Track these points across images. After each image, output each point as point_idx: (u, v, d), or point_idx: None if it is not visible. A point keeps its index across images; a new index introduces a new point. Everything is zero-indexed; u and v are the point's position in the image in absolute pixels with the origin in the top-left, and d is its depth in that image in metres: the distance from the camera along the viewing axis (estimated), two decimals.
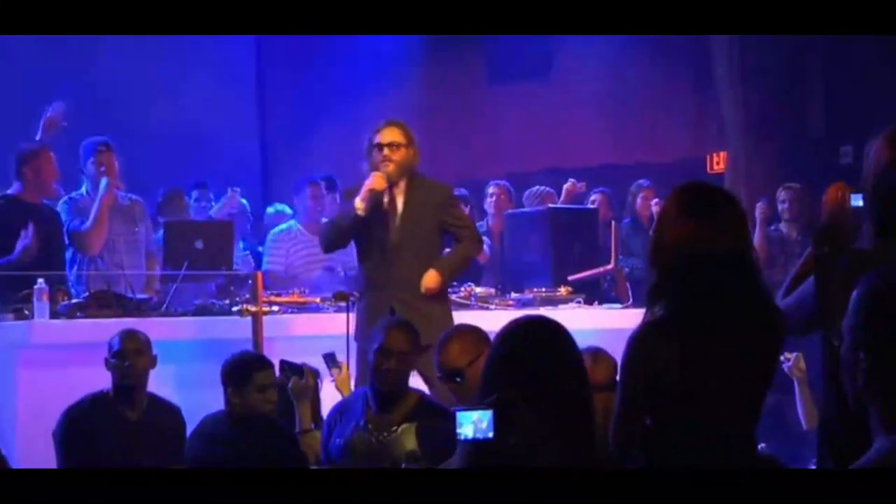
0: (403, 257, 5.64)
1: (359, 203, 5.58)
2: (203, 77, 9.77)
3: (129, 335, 5.08)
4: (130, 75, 9.42)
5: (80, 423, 4.94)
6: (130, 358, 5.00)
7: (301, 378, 4.95)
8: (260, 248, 7.84)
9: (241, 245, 7.75)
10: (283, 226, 7.64)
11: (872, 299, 2.08)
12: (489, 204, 8.26)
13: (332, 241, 5.91)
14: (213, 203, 8.10)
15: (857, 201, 3.41)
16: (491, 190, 8.30)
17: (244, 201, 8.30)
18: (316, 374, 5.05)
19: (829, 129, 9.40)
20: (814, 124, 9.62)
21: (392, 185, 5.67)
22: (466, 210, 7.21)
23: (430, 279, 5.59)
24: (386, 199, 5.69)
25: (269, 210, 8.46)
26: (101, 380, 5.05)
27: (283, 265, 7.39)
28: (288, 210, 8.12)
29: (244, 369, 4.67)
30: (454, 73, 10.62)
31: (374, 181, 5.61)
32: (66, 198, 6.70)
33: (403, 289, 5.57)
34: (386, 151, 5.65)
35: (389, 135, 5.69)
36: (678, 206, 3.16)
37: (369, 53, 10.19)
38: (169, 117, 9.41)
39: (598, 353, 3.86)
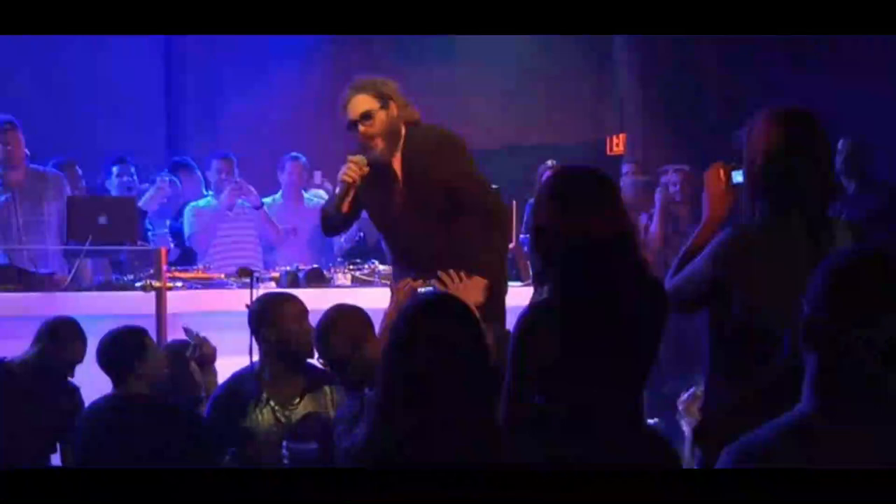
0: (419, 234, 4.74)
1: (338, 200, 4.83)
2: (110, 50, 9.73)
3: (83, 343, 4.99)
4: (34, 48, 9.36)
5: None
6: (77, 359, 4.98)
7: (207, 343, 5.02)
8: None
9: (167, 223, 7.75)
10: (202, 202, 7.70)
11: (843, 273, 2.21)
12: None
13: (327, 229, 5.15)
14: (134, 177, 7.99)
15: (738, 177, 3.44)
16: None
17: (174, 179, 8.12)
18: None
19: (722, 114, 9.64)
20: (708, 108, 9.87)
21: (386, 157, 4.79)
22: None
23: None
24: (384, 172, 4.81)
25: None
26: (4, 351, 5.08)
27: (206, 237, 7.45)
28: None
29: (138, 340, 4.69)
30: (361, 53, 10.68)
31: (348, 172, 4.76)
32: None
33: (432, 268, 4.53)
34: (361, 128, 4.75)
35: (357, 105, 4.77)
36: (548, 191, 3.23)
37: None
38: (75, 89, 9.37)
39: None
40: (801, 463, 2.10)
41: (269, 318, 4.67)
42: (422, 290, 4.34)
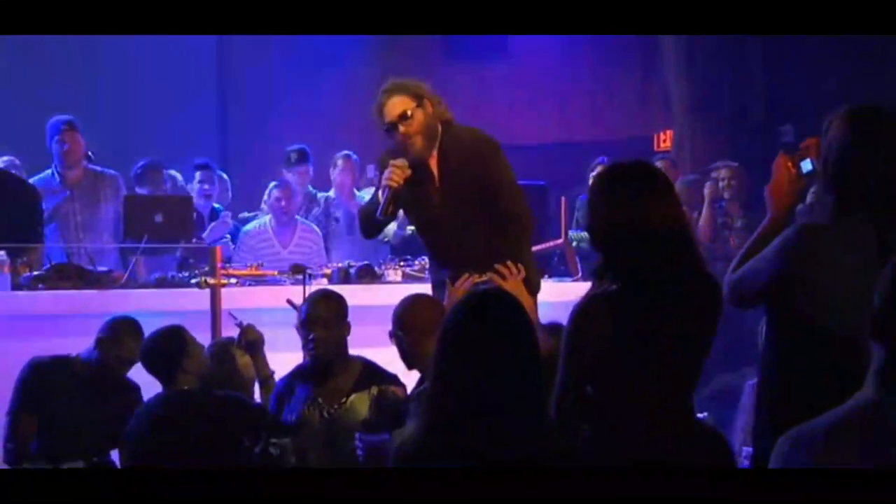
0: (456, 235, 4.81)
1: (385, 205, 4.79)
2: (163, 51, 9.86)
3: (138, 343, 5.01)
4: (88, 48, 9.50)
5: (42, 372, 5.01)
6: (131, 357, 5.03)
7: (253, 328, 5.09)
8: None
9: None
10: (255, 224, 7.76)
11: None
12: None
13: (365, 232, 5.17)
14: (216, 185, 8.00)
15: (808, 166, 3.41)
16: None
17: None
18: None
19: (769, 109, 9.62)
20: (753, 103, 9.84)
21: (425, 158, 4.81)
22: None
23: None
24: (421, 171, 4.83)
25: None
26: (61, 350, 5.16)
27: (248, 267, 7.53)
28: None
29: (179, 337, 4.76)
30: (411, 49, 10.74)
31: (392, 177, 4.74)
32: (35, 179, 6.81)
33: (468, 266, 4.60)
34: (402, 129, 4.75)
35: (394, 107, 4.77)
36: (601, 186, 3.24)
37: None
38: (129, 93, 9.50)
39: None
40: (858, 450, 2.12)
41: (302, 317, 4.74)
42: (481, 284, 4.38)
